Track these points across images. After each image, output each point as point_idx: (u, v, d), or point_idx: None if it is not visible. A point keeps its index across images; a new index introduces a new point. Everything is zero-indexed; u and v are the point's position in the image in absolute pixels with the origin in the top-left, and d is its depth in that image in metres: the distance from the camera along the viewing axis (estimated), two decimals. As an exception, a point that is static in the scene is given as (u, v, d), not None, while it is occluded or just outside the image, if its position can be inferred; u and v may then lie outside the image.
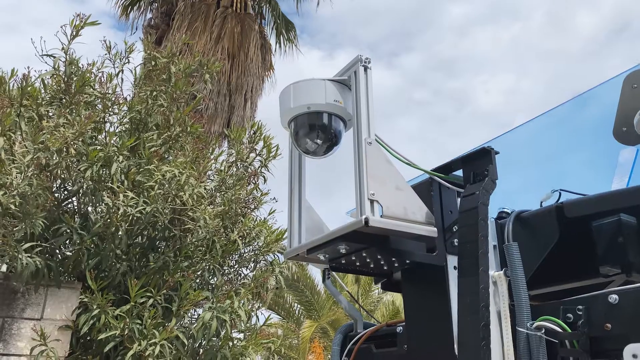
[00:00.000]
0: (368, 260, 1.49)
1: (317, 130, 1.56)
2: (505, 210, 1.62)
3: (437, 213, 1.48)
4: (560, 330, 1.25)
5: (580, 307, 1.26)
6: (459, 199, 1.50)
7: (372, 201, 1.32)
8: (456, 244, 1.44)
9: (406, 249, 1.45)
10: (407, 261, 1.49)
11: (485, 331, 1.27)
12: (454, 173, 1.57)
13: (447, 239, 1.47)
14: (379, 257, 1.47)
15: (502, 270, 1.41)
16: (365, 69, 1.50)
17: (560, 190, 1.54)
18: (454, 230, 1.46)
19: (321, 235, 1.50)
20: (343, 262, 1.53)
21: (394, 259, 1.48)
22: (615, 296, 1.21)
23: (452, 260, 1.43)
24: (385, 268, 1.56)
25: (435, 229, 1.41)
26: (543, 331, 1.27)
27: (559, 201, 1.51)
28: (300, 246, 1.61)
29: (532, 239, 1.46)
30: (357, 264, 1.53)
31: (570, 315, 1.27)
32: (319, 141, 1.57)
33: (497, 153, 1.46)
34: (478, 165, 1.46)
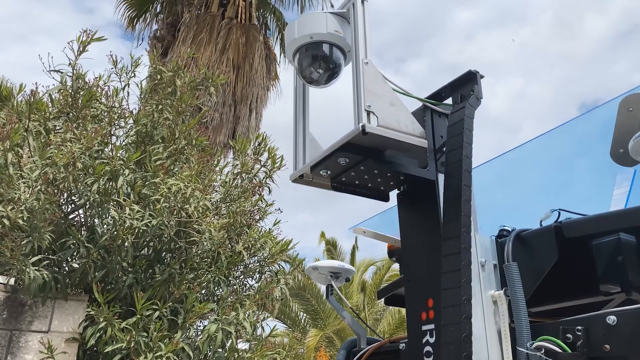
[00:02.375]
0: (366, 176, 1.60)
1: (319, 60, 1.68)
2: (506, 228, 1.63)
3: (429, 137, 1.59)
4: (560, 350, 1.27)
5: (579, 327, 1.27)
6: None
7: (368, 112, 1.43)
8: None
9: (400, 162, 1.56)
10: (402, 178, 1.60)
11: (466, 221, 1.35)
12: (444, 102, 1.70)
13: (437, 159, 1.59)
14: (375, 172, 1.58)
15: (502, 290, 1.43)
16: (362, 1, 1.63)
17: (559, 209, 1.55)
18: (444, 150, 1.57)
19: (322, 151, 1.62)
20: (344, 179, 1.62)
21: (389, 174, 1.59)
22: (613, 317, 1.22)
23: (443, 179, 1.53)
24: (382, 188, 1.67)
25: (426, 141, 1.53)
26: (543, 351, 1.28)
27: (558, 220, 1.53)
28: (304, 166, 1.70)
29: (532, 258, 1.48)
30: (357, 182, 1.63)
31: (569, 335, 1.28)
32: (321, 70, 1.69)
33: (482, 77, 1.59)
34: (465, 88, 1.60)
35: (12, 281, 3.79)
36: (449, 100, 1.67)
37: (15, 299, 3.74)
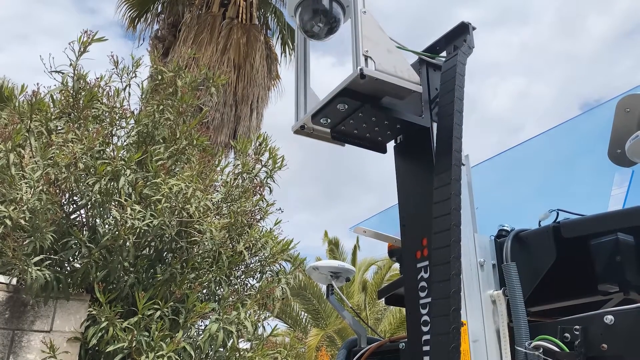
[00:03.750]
0: (364, 125, 1.65)
1: (320, 14, 1.73)
2: (505, 228, 1.64)
3: (424, 90, 1.65)
4: (558, 349, 1.28)
5: (577, 327, 1.28)
6: None
7: (366, 57, 1.48)
8: None
9: (397, 109, 1.62)
10: (398, 126, 1.66)
11: (457, 156, 1.41)
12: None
13: (432, 109, 1.65)
14: (373, 119, 1.63)
15: (501, 289, 1.43)
16: None
17: (558, 210, 1.56)
18: (438, 100, 1.63)
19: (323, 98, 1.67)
20: (343, 128, 1.68)
21: (386, 121, 1.64)
22: (610, 317, 1.23)
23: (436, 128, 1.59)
24: (379, 139, 1.74)
25: (421, 87, 1.58)
26: (541, 350, 1.29)
27: (557, 220, 1.53)
28: (305, 115, 1.75)
29: (530, 258, 1.49)
30: (355, 131, 1.69)
31: (567, 334, 1.29)
32: (321, 24, 1.73)
33: (474, 29, 1.67)
34: (458, 40, 1.68)
35: (14, 281, 3.80)
36: (444, 54, 1.73)
37: (17, 299, 3.75)
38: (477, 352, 1.37)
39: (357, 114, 1.60)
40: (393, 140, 1.78)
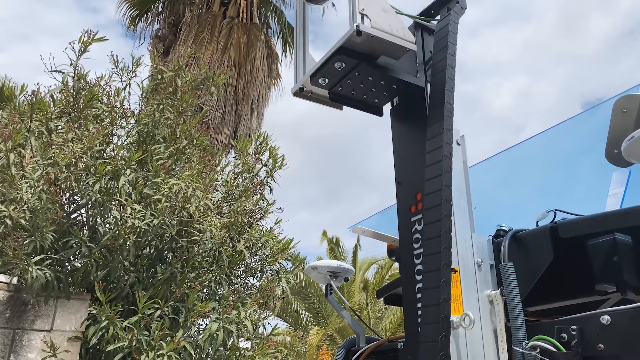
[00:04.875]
0: (361, 85, 1.69)
1: None
2: (503, 228, 1.64)
3: (419, 53, 1.71)
4: (554, 349, 1.28)
5: (574, 327, 1.28)
6: None
7: (362, 15, 1.52)
8: None
9: (393, 68, 1.65)
10: (394, 87, 1.71)
11: (449, 108, 1.46)
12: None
13: (426, 70, 1.70)
14: (370, 78, 1.66)
15: (498, 289, 1.44)
16: None
17: (555, 210, 1.56)
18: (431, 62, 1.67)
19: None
20: (340, 89, 1.72)
21: (382, 81, 1.68)
22: (607, 317, 1.23)
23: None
24: (376, 100, 1.78)
25: (415, 45, 1.62)
26: (538, 350, 1.29)
27: (554, 220, 1.54)
28: (304, 77, 1.78)
29: (528, 258, 1.49)
30: (352, 92, 1.73)
31: (564, 335, 1.30)
32: None
33: None
34: (452, 2, 1.73)
35: (14, 280, 3.81)
36: (439, 18, 1.77)
37: (18, 298, 3.76)
38: (475, 351, 1.37)
39: (354, 74, 1.64)
40: (389, 104, 1.82)
